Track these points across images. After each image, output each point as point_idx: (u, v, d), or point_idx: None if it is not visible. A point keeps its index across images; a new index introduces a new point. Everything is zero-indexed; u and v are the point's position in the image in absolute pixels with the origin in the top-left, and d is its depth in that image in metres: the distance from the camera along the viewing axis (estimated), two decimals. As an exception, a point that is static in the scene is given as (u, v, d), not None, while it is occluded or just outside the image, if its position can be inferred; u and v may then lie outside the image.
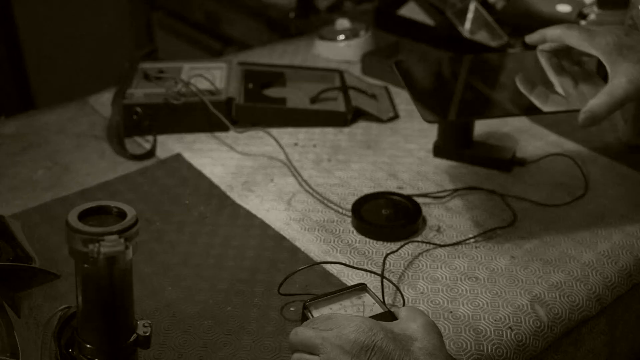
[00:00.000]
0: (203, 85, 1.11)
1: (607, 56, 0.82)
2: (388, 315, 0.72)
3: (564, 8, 1.32)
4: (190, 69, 1.17)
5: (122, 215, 0.58)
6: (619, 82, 0.81)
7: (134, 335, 0.62)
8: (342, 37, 1.36)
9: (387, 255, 0.84)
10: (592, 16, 1.25)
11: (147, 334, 0.62)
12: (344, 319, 0.67)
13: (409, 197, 0.93)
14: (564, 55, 0.90)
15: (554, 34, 0.87)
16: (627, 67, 0.81)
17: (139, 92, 1.10)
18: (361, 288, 0.77)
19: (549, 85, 0.87)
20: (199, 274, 0.84)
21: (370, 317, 0.72)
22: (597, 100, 0.81)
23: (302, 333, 0.67)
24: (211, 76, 1.16)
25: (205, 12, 2.06)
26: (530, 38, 0.90)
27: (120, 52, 2.35)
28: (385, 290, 0.80)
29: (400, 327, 0.68)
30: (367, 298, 0.76)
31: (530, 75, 0.88)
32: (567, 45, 0.86)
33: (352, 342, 0.64)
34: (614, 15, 1.20)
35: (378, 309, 0.74)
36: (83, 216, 0.58)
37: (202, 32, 2.14)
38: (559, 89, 0.87)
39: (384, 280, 0.80)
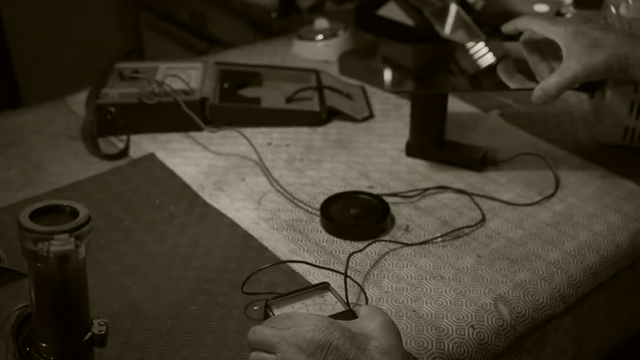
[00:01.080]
0: (178, 85, 1.12)
1: (564, 41, 0.90)
2: (349, 314, 0.73)
3: (541, 8, 1.33)
4: (167, 69, 1.18)
5: (74, 214, 0.58)
6: (569, 63, 0.88)
7: (89, 333, 0.62)
8: (320, 37, 1.36)
9: (352, 254, 0.84)
10: (568, 15, 1.25)
11: (103, 332, 0.63)
12: (301, 317, 0.67)
13: (378, 197, 0.93)
14: (547, 47, 0.96)
15: (523, 23, 0.96)
16: (578, 51, 0.88)
17: (114, 92, 1.11)
18: (324, 287, 0.77)
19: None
20: (166, 273, 0.84)
21: (331, 315, 0.72)
22: (549, 79, 0.89)
23: (260, 332, 0.67)
24: (187, 76, 1.16)
25: (191, 12, 2.06)
26: (505, 27, 0.99)
27: (109, 52, 2.35)
28: (350, 289, 0.80)
29: (358, 326, 0.68)
30: (329, 297, 0.76)
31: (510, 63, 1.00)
32: (532, 31, 0.96)
33: (308, 341, 0.64)
34: (590, 15, 1.20)
35: (340, 308, 0.75)
36: (36, 215, 0.58)
37: (188, 32, 2.14)
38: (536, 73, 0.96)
39: (349, 279, 0.81)
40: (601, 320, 0.88)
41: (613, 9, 1.04)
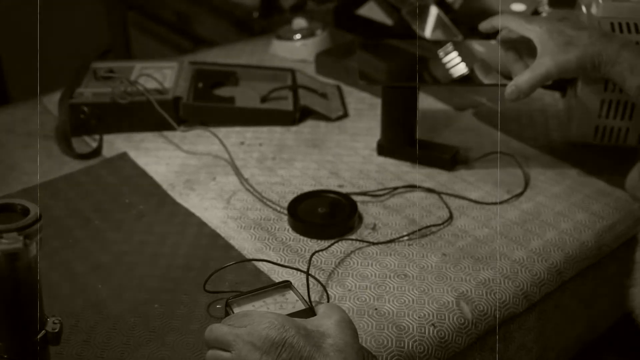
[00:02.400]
0: (152, 84, 1.12)
1: (538, 38, 0.91)
2: (308, 312, 0.73)
3: (518, 7, 1.33)
4: (142, 69, 1.18)
5: (25, 212, 0.59)
6: (543, 60, 0.90)
7: (43, 331, 0.62)
8: (298, 36, 1.36)
9: (314, 253, 0.84)
10: (543, 14, 1.25)
11: (57, 331, 0.63)
12: (258, 315, 0.67)
13: (346, 196, 0.94)
14: (523, 46, 0.97)
15: (499, 21, 0.98)
16: (552, 48, 0.90)
17: (88, 92, 1.11)
18: (285, 285, 0.77)
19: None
20: (131, 271, 0.84)
21: (290, 314, 0.72)
22: (522, 76, 0.91)
23: (217, 330, 0.67)
24: (162, 76, 1.16)
25: (176, 12, 2.06)
26: (482, 26, 1.01)
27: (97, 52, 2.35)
28: (314, 287, 0.81)
29: (314, 324, 0.68)
30: (290, 295, 0.76)
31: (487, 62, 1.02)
32: (509, 29, 0.98)
33: (263, 339, 0.64)
34: (565, 13, 1.21)
35: (300, 306, 0.75)
36: (-13, 214, 0.59)
37: (174, 32, 2.15)
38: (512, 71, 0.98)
39: (313, 277, 0.81)
40: (567, 318, 0.89)
41: (584, 9, 1.05)
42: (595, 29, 0.93)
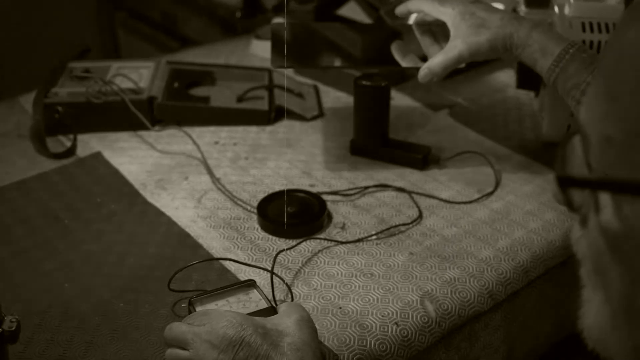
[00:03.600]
0: (127, 84, 1.12)
1: (451, 21, 0.92)
2: (270, 311, 0.73)
3: (497, 6, 1.33)
4: (118, 69, 1.18)
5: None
6: (455, 43, 0.91)
7: (-1, 330, 0.63)
8: (277, 36, 1.36)
9: (279, 252, 0.84)
10: (521, 14, 1.25)
11: (13, 329, 0.63)
12: (217, 314, 0.68)
13: (315, 195, 0.94)
14: (439, 30, 0.97)
15: (414, 4, 0.97)
16: (464, 30, 0.90)
17: (63, 92, 1.11)
18: (249, 284, 0.78)
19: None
20: (98, 270, 0.84)
21: (252, 312, 0.73)
22: (435, 58, 0.91)
23: (176, 328, 0.68)
24: (138, 75, 1.16)
25: (162, 12, 2.06)
26: (398, 10, 1.00)
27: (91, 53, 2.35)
28: (280, 286, 0.81)
29: (273, 323, 0.68)
30: (254, 294, 0.77)
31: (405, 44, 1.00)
32: (424, 13, 0.97)
33: (220, 337, 0.65)
34: (539, 14, 1.21)
35: (263, 305, 0.75)
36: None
37: (161, 32, 2.15)
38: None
39: (277, 276, 0.81)
40: (534, 317, 0.89)
41: (557, 9, 1.05)
42: (507, 11, 0.94)
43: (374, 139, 1.04)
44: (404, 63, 0.96)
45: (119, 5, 2.36)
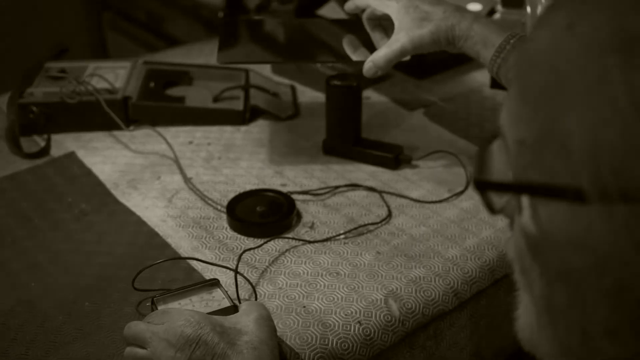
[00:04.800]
0: (102, 84, 1.12)
1: (396, 14, 0.92)
2: (232, 310, 0.74)
3: (475, 7, 1.33)
4: (95, 69, 1.18)
5: None
6: (398, 36, 0.91)
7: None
8: (256, 36, 1.36)
9: (244, 251, 0.85)
10: (497, 15, 1.26)
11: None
12: (176, 313, 0.68)
13: (285, 194, 0.94)
14: (389, 24, 0.97)
15: (361, 0, 0.98)
16: (407, 23, 0.91)
17: (38, 92, 1.11)
18: (213, 283, 0.78)
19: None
20: (66, 270, 0.85)
21: (214, 311, 0.73)
22: (379, 52, 0.92)
23: (135, 327, 0.68)
24: (114, 75, 1.17)
25: (148, 12, 2.07)
26: (347, 6, 1.01)
27: (75, 53, 2.36)
28: (245, 286, 0.81)
29: (232, 321, 0.69)
30: (217, 293, 0.77)
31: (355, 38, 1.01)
32: (372, 7, 0.97)
33: (178, 336, 0.65)
34: (515, 14, 1.21)
35: (226, 304, 0.75)
36: None
37: (148, 32, 2.15)
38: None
39: (241, 276, 0.82)
40: (501, 316, 0.89)
41: (529, 9, 1.05)
42: (450, 4, 0.94)
43: (346, 139, 1.04)
44: (354, 57, 0.97)
45: (107, 6, 2.37)
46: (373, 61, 0.92)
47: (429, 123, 1.15)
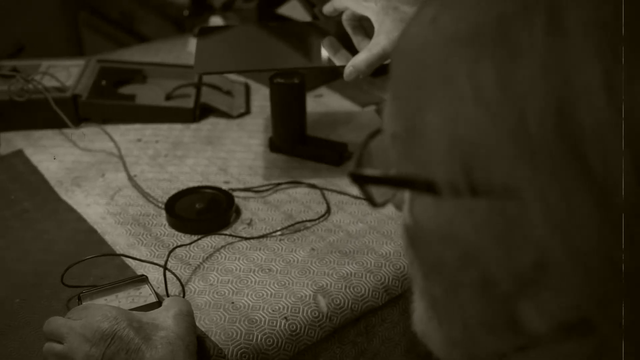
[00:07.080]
0: (53, 82, 1.13)
1: (375, 16, 0.89)
2: (156, 306, 0.74)
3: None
4: (48, 67, 1.19)
5: None
6: (378, 39, 0.88)
7: None
8: (214, 34, 1.37)
9: (174, 248, 0.85)
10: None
11: None
12: (95, 308, 0.69)
13: (225, 191, 0.95)
14: (370, 25, 0.94)
15: (339, 3, 0.94)
16: (387, 25, 0.87)
17: (-11, 90, 1.12)
18: (142, 280, 0.79)
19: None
20: (1, 267, 0.85)
21: (138, 307, 0.74)
22: (359, 55, 0.88)
23: (53, 322, 0.69)
24: (67, 74, 1.17)
25: (120, 11, 2.07)
26: (325, 9, 0.97)
27: (53, 52, 2.36)
28: (176, 282, 0.82)
29: (151, 317, 0.69)
30: (145, 289, 0.78)
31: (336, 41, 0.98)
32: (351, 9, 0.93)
33: (94, 331, 0.66)
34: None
35: (152, 300, 0.76)
36: None
37: (121, 31, 2.16)
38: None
39: (170, 272, 0.82)
40: (436, 311, 0.90)
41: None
42: None
43: (291, 136, 1.05)
44: (336, 60, 0.94)
45: (83, 4, 2.37)
46: (354, 65, 0.88)
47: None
